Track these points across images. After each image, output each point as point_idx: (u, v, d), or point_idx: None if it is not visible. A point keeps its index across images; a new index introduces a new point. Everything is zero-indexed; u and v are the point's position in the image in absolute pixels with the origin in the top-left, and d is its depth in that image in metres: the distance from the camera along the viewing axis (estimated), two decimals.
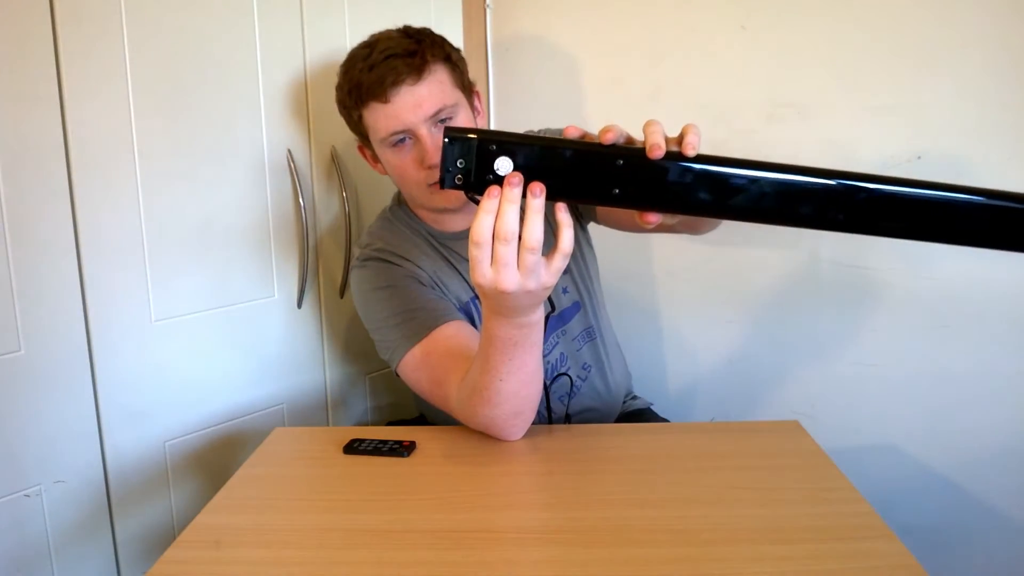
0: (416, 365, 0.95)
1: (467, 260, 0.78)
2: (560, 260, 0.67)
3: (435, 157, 0.93)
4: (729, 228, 1.30)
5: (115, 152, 1.00)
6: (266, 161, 1.17)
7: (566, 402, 1.10)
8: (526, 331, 0.76)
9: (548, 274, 0.68)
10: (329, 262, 1.29)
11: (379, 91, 0.94)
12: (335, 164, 1.25)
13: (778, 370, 1.35)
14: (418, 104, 0.94)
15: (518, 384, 0.81)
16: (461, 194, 0.68)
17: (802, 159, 1.35)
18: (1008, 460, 1.20)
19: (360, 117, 0.99)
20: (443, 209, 1.03)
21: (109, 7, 0.97)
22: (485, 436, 0.98)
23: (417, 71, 0.94)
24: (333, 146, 1.25)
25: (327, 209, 1.27)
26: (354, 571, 0.68)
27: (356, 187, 1.30)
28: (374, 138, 1.00)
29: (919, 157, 1.18)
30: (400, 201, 1.13)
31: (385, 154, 1.01)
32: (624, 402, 1.22)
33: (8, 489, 0.96)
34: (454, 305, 1.03)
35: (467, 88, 1.04)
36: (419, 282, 1.01)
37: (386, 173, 1.07)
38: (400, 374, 0.98)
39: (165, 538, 1.11)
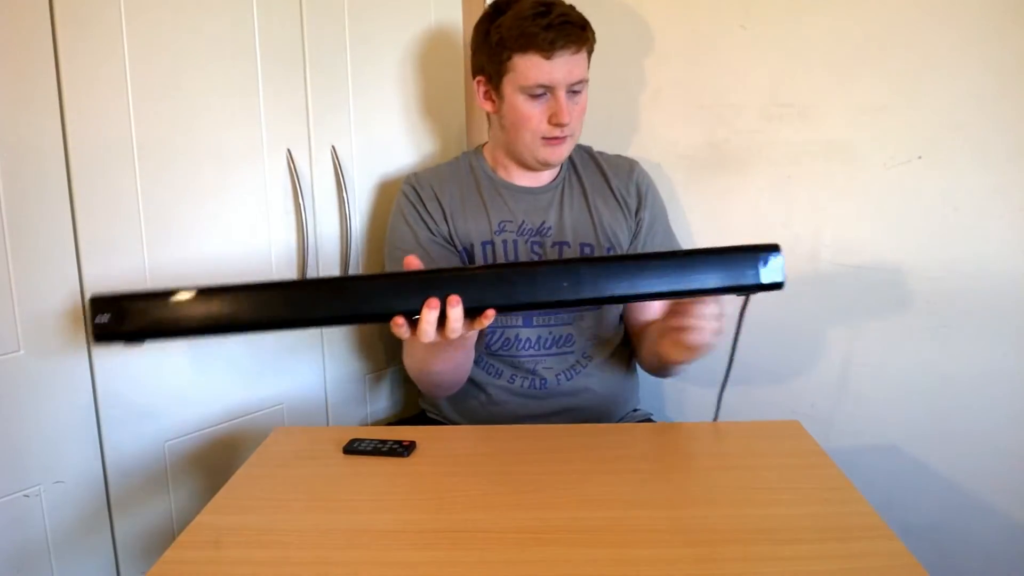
0: None
1: (505, 206, 1.18)
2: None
3: (566, 117, 1.09)
4: (732, 229, 1.30)
5: (114, 152, 1.00)
6: (266, 161, 1.17)
7: (561, 381, 1.16)
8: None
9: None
10: (329, 262, 1.28)
11: (548, 47, 1.06)
12: (335, 164, 1.25)
13: (778, 370, 1.35)
14: (571, 70, 1.09)
15: (440, 367, 1.03)
16: (563, 149, 1.13)
17: (803, 158, 1.35)
18: (1009, 460, 1.20)
19: (510, 57, 1.09)
20: (545, 162, 1.16)
21: (109, 7, 0.97)
22: (485, 436, 0.98)
23: (580, 44, 1.09)
24: (333, 146, 1.25)
25: (327, 209, 1.27)
26: (354, 571, 0.68)
27: (356, 187, 1.30)
28: (513, 81, 1.10)
29: (919, 157, 1.18)
30: (478, 149, 1.26)
31: (517, 99, 1.11)
32: (624, 417, 1.24)
33: (7, 489, 0.96)
34: (463, 241, 1.17)
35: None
36: (416, 223, 1.17)
37: (492, 110, 1.17)
38: None
39: (165, 538, 1.11)
